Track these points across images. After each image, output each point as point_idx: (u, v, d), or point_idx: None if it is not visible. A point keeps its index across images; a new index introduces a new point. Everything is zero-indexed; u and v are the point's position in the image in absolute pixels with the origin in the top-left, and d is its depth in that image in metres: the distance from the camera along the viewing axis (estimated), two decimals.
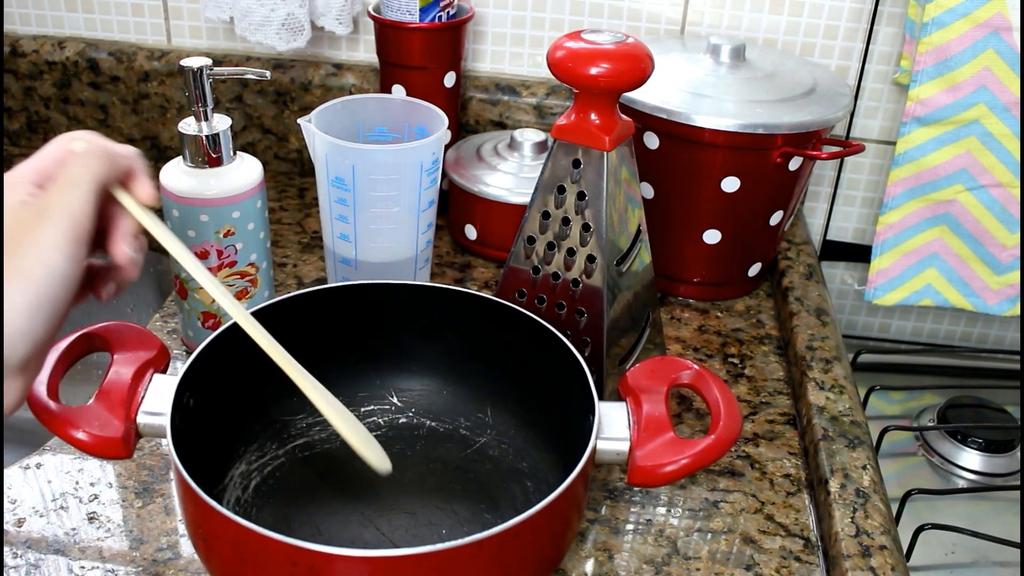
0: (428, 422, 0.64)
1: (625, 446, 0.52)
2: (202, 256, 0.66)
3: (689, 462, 0.51)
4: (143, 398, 0.51)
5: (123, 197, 0.47)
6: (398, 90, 0.85)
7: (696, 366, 0.56)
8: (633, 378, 0.55)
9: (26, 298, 0.39)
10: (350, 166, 0.66)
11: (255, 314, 0.57)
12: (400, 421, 0.64)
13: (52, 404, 0.49)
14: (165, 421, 0.49)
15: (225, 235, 0.66)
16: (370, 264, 0.71)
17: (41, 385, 0.49)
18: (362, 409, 0.64)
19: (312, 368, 0.62)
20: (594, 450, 0.51)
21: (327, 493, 0.58)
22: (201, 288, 0.67)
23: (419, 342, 0.64)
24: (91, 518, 0.58)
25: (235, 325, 0.56)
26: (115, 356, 0.52)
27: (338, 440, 0.62)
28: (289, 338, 0.58)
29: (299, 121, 0.67)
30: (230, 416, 0.57)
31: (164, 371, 0.54)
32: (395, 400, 0.64)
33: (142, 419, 0.51)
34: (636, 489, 0.62)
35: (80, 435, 0.49)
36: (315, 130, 0.66)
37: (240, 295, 0.69)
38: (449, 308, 0.62)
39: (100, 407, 0.50)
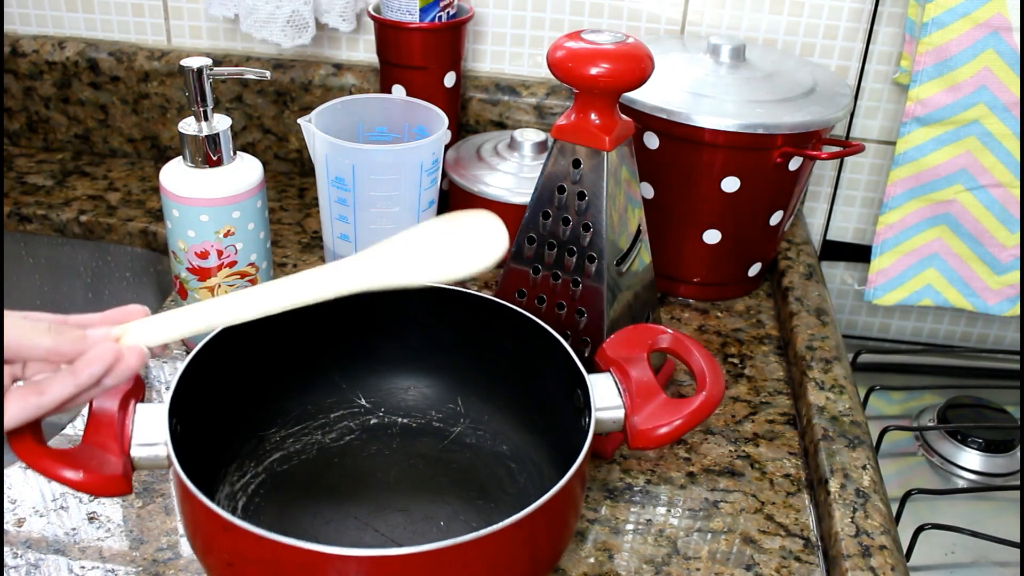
0: (400, 419, 0.64)
1: (620, 413, 0.53)
2: (202, 256, 0.66)
3: (683, 421, 0.52)
4: (133, 431, 0.49)
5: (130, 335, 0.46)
6: (398, 90, 0.85)
7: (671, 331, 0.57)
8: (611, 348, 0.56)
9: None
10: (350, 166, 0.66)
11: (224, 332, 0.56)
12: (372, 422, 0.63)
13: (41, 447, 0.46)
14: (161, 451, 0.48)
15: (225, 235, 0.66)
16: None
17: (24, 429, 0.46)
18: (332, 415, 0.63)
19: (280, 382, 0.61)
20: (595, 422, 0.51)
21: (316, 503, 0.58)
22: (202, 288, 0.68)
23: (381, 341, 0.63)
24: (91, 518, 0.58)
25: (208, 345, 0.54)
26: None
27: (314, 449, 0.61)
28: (255, 353, 0.57)
29: (299, 121, 0.67)
30: (213, 438, 0.56)
31: (142, 399, 0.52)
32: (363, 402, 0.64)
33: (136, 452, 0.49)
34: (636, 489, 0.62)
35: (78, 476, 0.46)
36: (315, 130, 0.66)
37: None
38: (407, 304, 0.61)
39: (92, 445, 0.48)
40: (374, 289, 0.48)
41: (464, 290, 0.60)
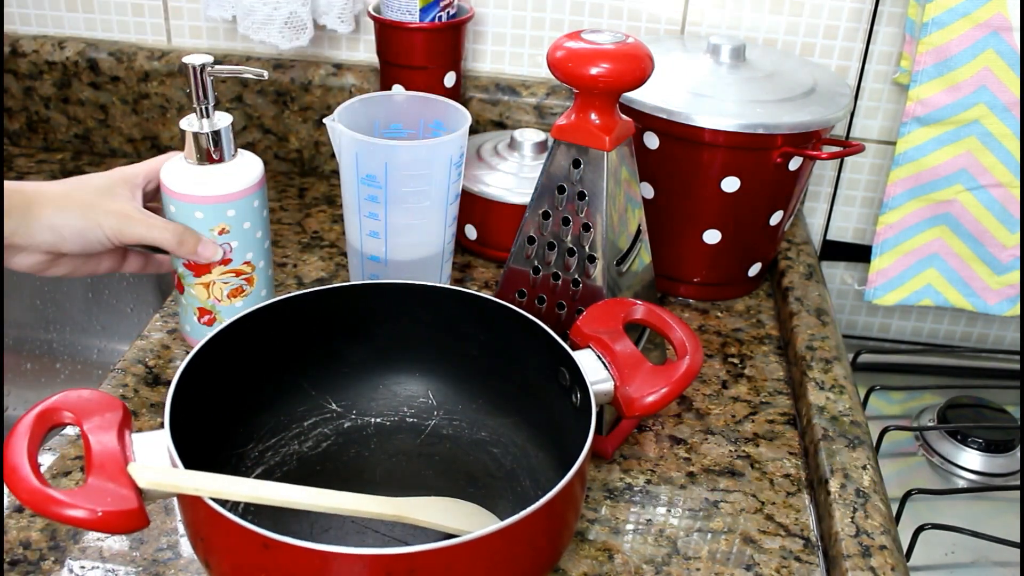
0: (373, 419, 0.63)
1: (610, 385, 0.54)
2: None
3: (672, 387, 0.54)
4: (135, 461, 0.48)
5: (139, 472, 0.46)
6: (398, 90, 0.85)
7: (640, 303, 0.58)
8: (586, 325, 0.57)
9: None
10: (383, 163, 0.66)
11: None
12: (345, 426, 0.63)
13: (49, 490, 0.44)
14: (170, 479, 0.46)
15: (220, 232, 0.66)
16: (399, 263, 0.71)
17: (26, 473, 0.44)
18: (305, 423, 0.62)
19: (251, 397, 0.59)
20: (595, 395, 0.52)
21: (308, 512, 0.56)
22: (197, 284, 0.68)
23: (346, 343, 0.63)
24: None
25: (186, 371, 0.53)
26: (84, 425, 0.48)
27: (294, 459, 0.61)
28: (229, 372, 0.56)
29: (325, 121, 0.67)
30: (198, 461, 0.53)
31: (130, 428, 0.50)
32: (334, 406, 0.63)
33: (144, 483, 0.47)
34: (636, 489, 0.62)
35: (91, 515, 0.44)
36: (343, 129, 0.66)
37: (235, 293, 0.69)
38: (371, 304, 0.61)
39: (101, 481, 0.45)
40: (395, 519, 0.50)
41: (426, 284, 0.61)
